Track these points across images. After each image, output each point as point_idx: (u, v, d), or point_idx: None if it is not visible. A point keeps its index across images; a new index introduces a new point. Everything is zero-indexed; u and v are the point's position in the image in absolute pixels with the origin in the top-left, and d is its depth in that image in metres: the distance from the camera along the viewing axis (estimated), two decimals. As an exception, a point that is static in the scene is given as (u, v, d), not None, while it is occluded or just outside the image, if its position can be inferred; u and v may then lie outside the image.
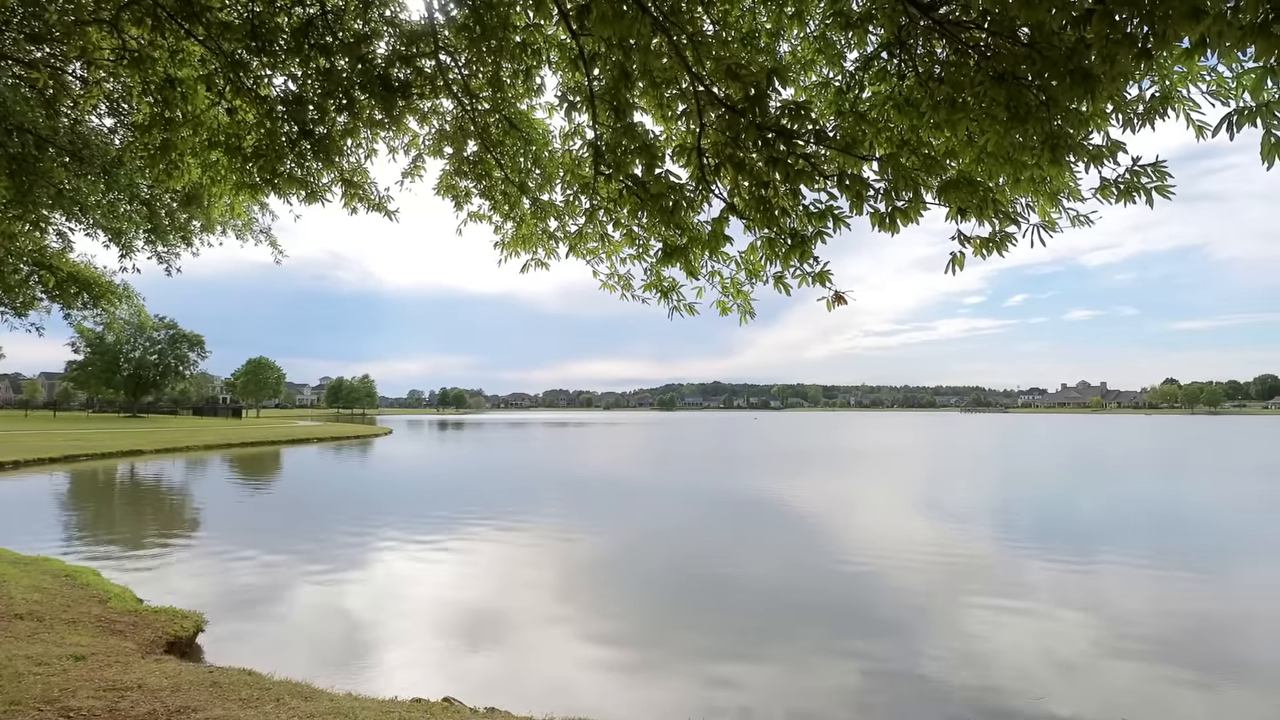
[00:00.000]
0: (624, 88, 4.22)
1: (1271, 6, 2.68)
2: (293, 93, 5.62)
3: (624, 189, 4.59)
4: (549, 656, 8.45)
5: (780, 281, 4.39)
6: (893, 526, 17.84)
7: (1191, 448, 51.52)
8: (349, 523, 17.65)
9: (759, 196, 4.06)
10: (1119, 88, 3.78)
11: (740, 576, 12.32)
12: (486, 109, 6.06)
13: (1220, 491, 25.32)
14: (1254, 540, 16.04)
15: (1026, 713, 6.89)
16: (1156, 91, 4.21)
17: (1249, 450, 48.49)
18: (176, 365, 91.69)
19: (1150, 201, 3.97)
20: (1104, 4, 3.30)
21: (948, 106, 3.88)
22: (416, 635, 9.17)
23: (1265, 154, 3.01)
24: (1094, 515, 19.50)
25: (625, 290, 6.18)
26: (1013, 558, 13.97)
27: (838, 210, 4.00)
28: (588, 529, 17.22)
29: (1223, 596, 11.22)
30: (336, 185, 6.26)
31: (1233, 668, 8.12)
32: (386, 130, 6.13)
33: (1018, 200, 4.75)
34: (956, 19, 4.13)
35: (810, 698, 7.26)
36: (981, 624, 9.62)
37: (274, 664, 7.43)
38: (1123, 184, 3.94)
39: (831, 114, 4.74)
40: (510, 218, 6.42)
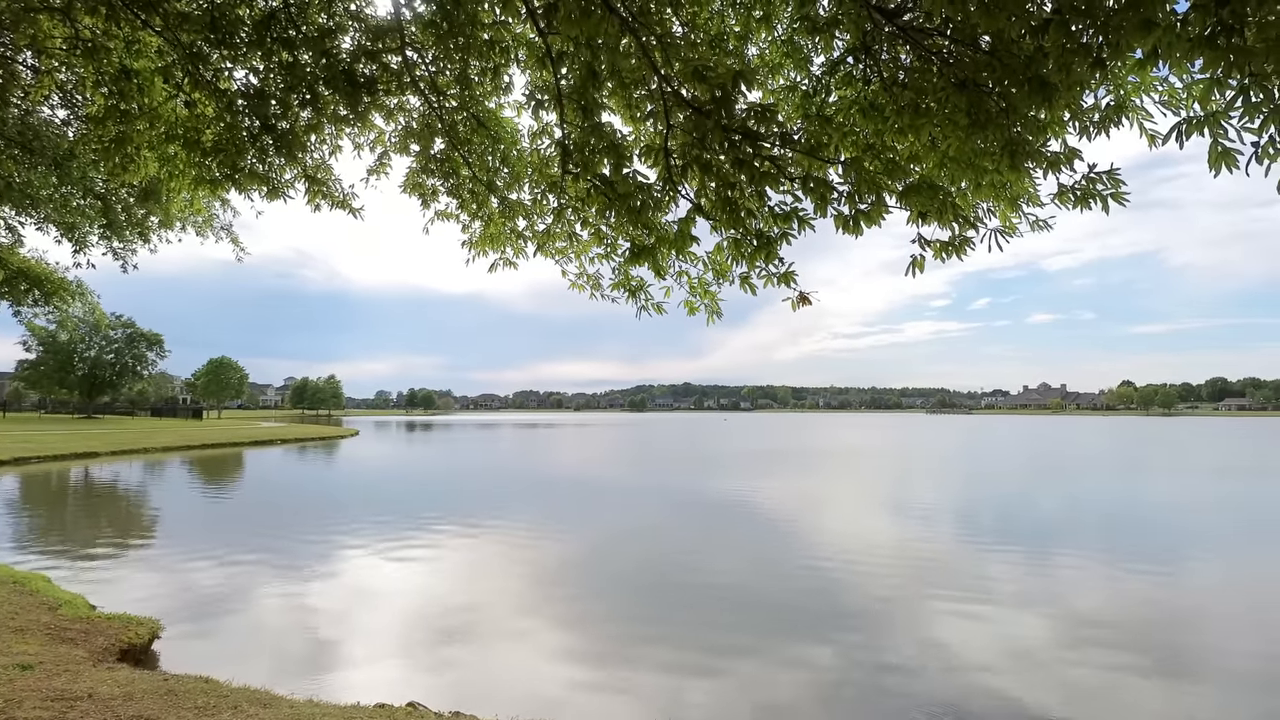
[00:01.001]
0: (592, 87, 4.21)
1: (1217, 21, 2.77)
2: (254, 87, 5.50)
3: (592, 188, 4.58)
4: (517, 660, 8.38)
5: (746, 282, 4.42)
6: (859, 526, 18.06)
7: (1146, 449, 53.08)
8: (313, 526, 17.34)
9: (725, 197, 4.08)
10: (1075, 96, 3.88)
11: (709, 577, 12.36)
12: (454, 106, 6.00)
13: (1172, 491, 26.11)
14: (1203, 537, 16.56)
15: (989, 709, 7.02)
16: (1111, 100, 4.33)
17: (1200, 451, 50.11)
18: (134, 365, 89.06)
19: (1106, 208, 4.08)
20: (1061, 14, 3.38)
21: (911, 112, 3.94)
22: (382, 640, 9.03)
23: (1212, 162, 3.11)
24: (1053, 514, 19.98)
25: (594, 290, 6.17)
26: (975, 556, 14.24)
27: (802, 212, 4.05)
28: (557, 531, 17.14)
29: (1175, 591, 11.56)
30: (300, 182, 6.14)
31: (1185, 659, 8.36)
32: (351, 126, 6.04)
33: (979, 205, 4.85)
34: (920, 26, 4.20)
35: (778, 698, 7.31)
36: (945, 622, 9.78)
37: (233, 671, 7.26)
38: (1079, 190, 4.04)
39: (798, 117, 4.79)
40: (478, 216, 6.36)
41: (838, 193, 3.93)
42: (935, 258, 4.05)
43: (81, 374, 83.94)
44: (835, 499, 23.79)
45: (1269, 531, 17.35)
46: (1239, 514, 20.19)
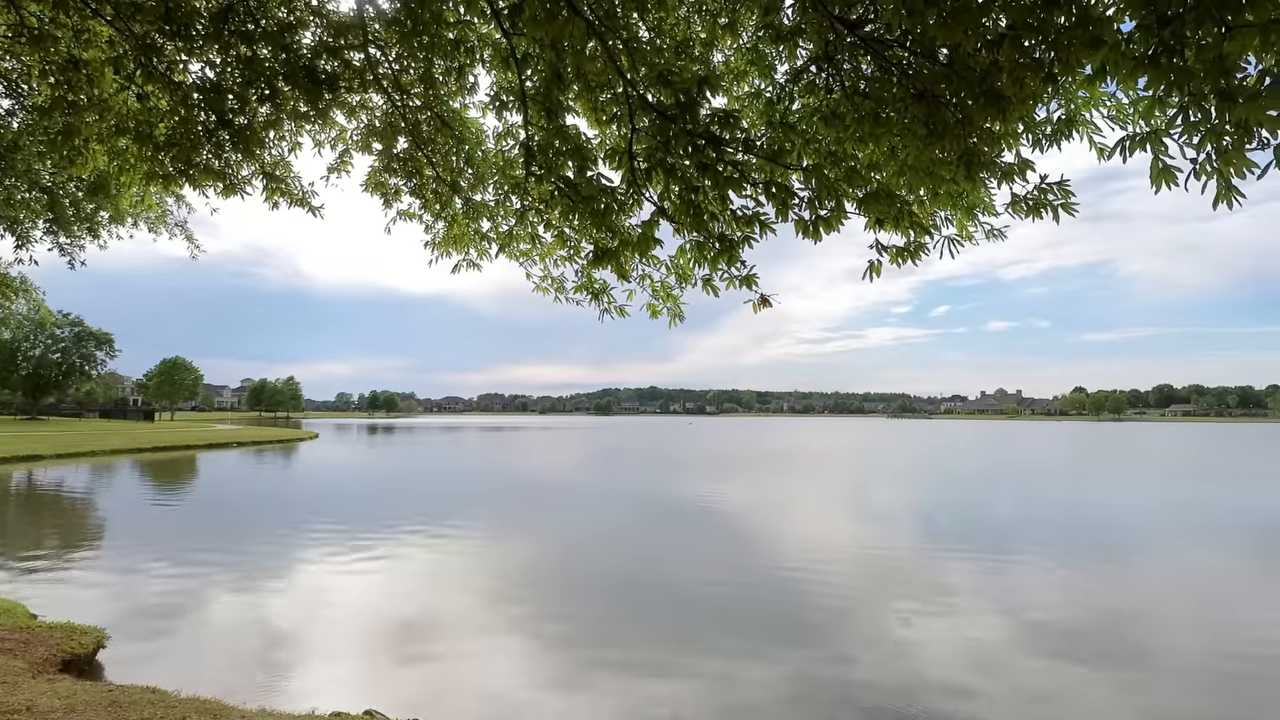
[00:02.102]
0: (557, 89, 4.21)
1: (1160, 41, 2.88)
2: (210, 80, 5.37)
3: (555, 190, 4.57)
4: (478, 665, 8.29)
5: (709, 284, 4.45)
6: (821, 530, 18.28)
7: (1097, 453, 54.75)
8: (270, 532, 16.94)
9: (689, 201, 4.11)
10: (1028, 109, 3.99)
11: (672, 582, 12.39)
12: (418, 105, 5.93)
13: (1122, 494, 26.96)
14: (1153, 538, 17.13)
15: (949, 709, 7.15)
16: (1062, 114, 4.48)
17: (1148, 455, 51.88)
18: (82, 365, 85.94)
19: (1056, 217, 4.21)
20: (1014, 30, 3.48)
21: (871, 121, 4.02)
22: (340, 648, 8.85)
23: (1154, 178, 3.23)
24: (1011, 517, 20.49)
25: (559, 293, 6.16)
26: (934, 559, 14.53)
27: (764, 217, 4.09)
28: (518, 536, 17.02)
29: (1127, 591, 11.93)
30: (257, 178, 6.01)
31: (1137, 659, 8.63)
32: (312, 123, 5.94)
33: (938, 213, 4.97)
34: (881, 37, 4.28)
35: (741, 702, 7.34)
36: (906, 624, 9.95)
37: (183, 681, 7.05)
38: (1032, 200, 4.16)
39: (762, 124, 4.85)
40: (441, 217, 6.30)
41: (799, 198, 3.99)
42: (892, 263, 4.14)
43: (25, 374, 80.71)
44: (797, 503, 24.05)
45: (1214, 533, 18.02)
46: (1185, 515, 20.94)
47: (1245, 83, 2.85)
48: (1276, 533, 18.03)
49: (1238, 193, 3.16)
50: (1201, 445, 64.69)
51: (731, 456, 47.11)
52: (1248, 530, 18.43)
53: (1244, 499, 24.96)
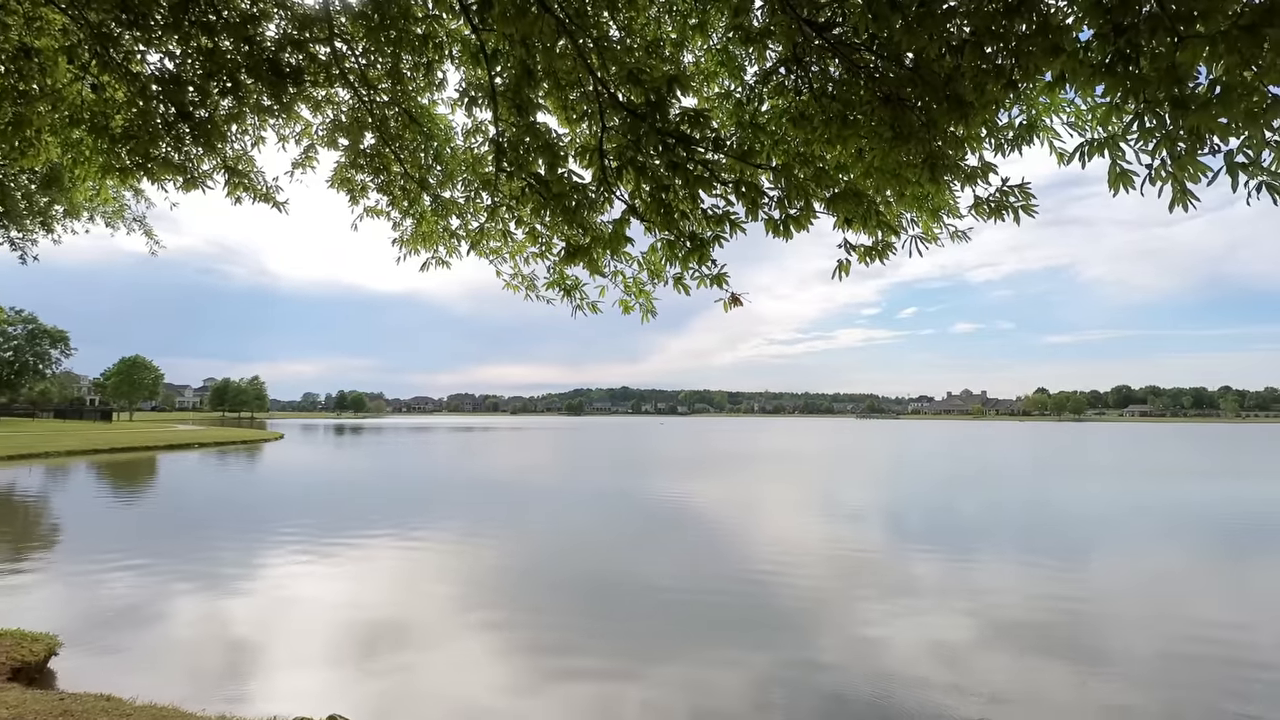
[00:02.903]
0: (527, 86, 4.18)
1: (1116, 49, 2.95)
2: (169, 72, 5.23)
3: (526, 187, 4.55)
4: (447, 668, 8.21)
5: (679, 283, 4.46)
6: (791, 529, 18.44)
7: (1059, 452, 56.09)
8: (232, 535, 16.58)
9: (659, 199, 4.11)
10: (991, 114, 4.07)
11: (642, 582, 12.40)
12: (385, 101, 5.85)
13: (1081, 492, 27.64)
14: (1110, 536, 17.60)
15: (914, 705, 7.26)
16: (1024, 120, 4.58)
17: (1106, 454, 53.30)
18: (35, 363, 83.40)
19: (1017, 219, 4.29)
20: (977, 36, 3.55)
21: (839, 122, 4.06)
22: (305, 652, 8.69)
23: (1112, 182, 3.31)
24: (974, 516, 20.89)
25: (530, 290, 6.12)
26: (901, 556, 14.75)
27: (735, 216, 4.12)
28: (488, 537, 16.89)
29: (1085, 587, 12.22)
30: (219, 173, 5.87)
31: (1094, 653, 8.85)
32: (276, 117, 5.82)
33: (904, 214, 5.04)
34: (848, 41, 4.33)
35: (712, 701, 7.37)
36: (873, 621, 10.08)
37: (141, 688, 6.87)
38: (993, 202, 4.24)
39: (732, 124, 4.87)
40: (409, 214, 6.23)
41: (768, 198, 4.02)
42: (860, 262, 4.19)
43: (-26, 373, 78.05)
44: (767, 504, 24.23)
45: (1167, 531, 18.56)
46: (1141, 514, 21.54)
47: (1197, 91, 2.94)
48: (1223, 529, 18.62)
49: (1192, 196, 3.26)
50: (1157, 445, 66.62)
51: (702, 457, 47.31)
52: (1198, 528, 19.02)
53: (1194, 498, 25.75)
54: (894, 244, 4.23)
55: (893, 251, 4.20)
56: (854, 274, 4.45)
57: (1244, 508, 22.47)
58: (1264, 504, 23.44)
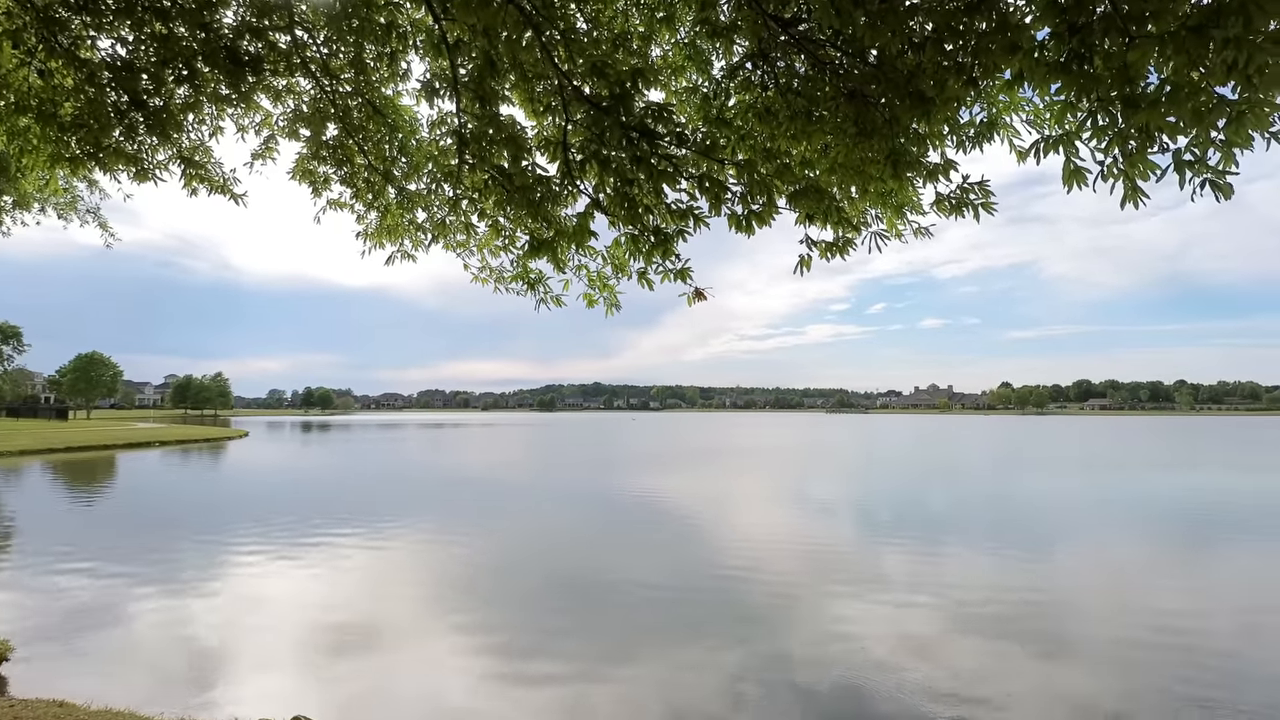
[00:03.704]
0: (490, 77, 4.13)
1: (1070, 48, 3.01)
2: (121, 58, 5.07)
3: (490, 179, 4.50)
4: (417, 669, 8.12)
5: (643, 277, 4.46)
6: (764, 524, 18.59)
7: (1023, 446, 57.36)
8: (196, 535, 16.22)
9: (623, 194, 4.10)
10: (952, 111, 4.12)
11: (614, 578, 12.41)
12: (348, 91, 5.74)
13: (1044, 485, 28.29)
14: (1073, 527, 18.05)
15: (885, 695, 7.38)
16: (985, 117, 4.64)
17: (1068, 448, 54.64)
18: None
19: (977, 216, 4.36)
20: (938, 33, 3.59)
21: (803, 118, 4.09)
22: (270, 654, 8.54)
23: (1066, 179, 3.38)
24: (942, 508, 21.27)
25: (498, 283, 6.07)
26: (871, 549, 14.97)
27: (698, 211, 4.12)
28: (459, 535, 16.76)
29: (1049, 578, 12.52)
30: (174, 163, 5.72)
31: (1056, 642, 9.07)
32: (234, 107, 5.68)
33: (869, 211, 5.09)
34: (813, 36, 4.36)
35: (686, 697, 7.40)
36: (845, 614, 10.22)
37: (96, 693, 6.70)
38: (954, 199, 4.30)
39: (700, 119, 4.87)
40: (374, 207, 6.13)
41: (731, 193, 4.02)
42: (821, 257, 4.23)
43: (-79, 370, 75.21)
44: (739, 498, 24.40)
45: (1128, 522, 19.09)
46: (1102, 506, 22.12)
47: (1148, 90, 3.01)
48: (1180, 520, 19.20)
49: (1142, 194, 3.34)
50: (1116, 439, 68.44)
51: (673, 453, 47.46)
52: (1156, 519, 19.59)
53: (1153, 490, 26.52)
54: (854, 240, 4.26)
55: (853, 247, 4.25)
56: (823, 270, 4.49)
57: (1201, 499, 23.20)
58: (1219, 495, 24.22)
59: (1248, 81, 2.55)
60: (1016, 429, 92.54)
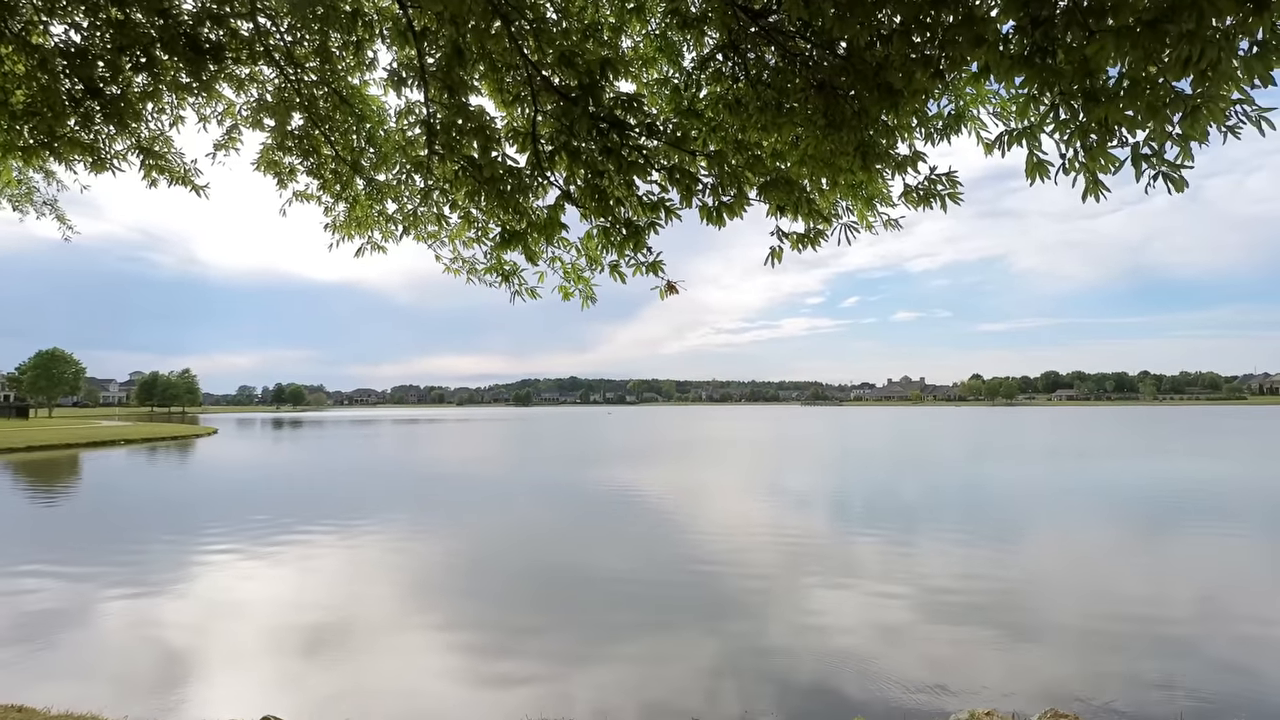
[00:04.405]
0: (458, 66, 4.07)
1: (1033, 42, 3.05)
2: (76, 45, 4.92)
3: (460, 170, 4.45)
4: (391, 668, 8.05)
5: (616, 270, 4.45)
6: (740, 515, 18.71)
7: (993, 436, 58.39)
8: (163, 535, 15.90)
9: (594, 185, 4.08)
10: (920, 103, 4.16)
11: (590, 572, 12.42)
12: (314, 80, 5.64)
13: (1012, 474, 28.84)
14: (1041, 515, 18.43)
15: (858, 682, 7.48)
16: (953, 110, 4.69)
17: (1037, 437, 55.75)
18: (-59, 358, 78.02)
19: (945, 207, 4.41)
20: (905, 25, 3.62)
21: (774, 110, 4.10)
22: (240, 654, 8.41)
23: (1029, 172, 3.42)
24: (915, 497, 21.59)
25: (471, 274, 6.01)
26: (846, 539, 15.15)
27: (669, 202, 4.11)
28: (433, 532, 16.65)
29: (1018, 564, 12.77)
30: (133, 153, 5.57)
31: (1025, 626, 9.26)
32: (195, 96, 5.54)
33: (840, 202, 5.13)
34: (783, 28, 4.37)
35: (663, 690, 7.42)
36: (819, 603, 10.33)
37: (57, 697, 6.55)
38: (922, 191, 4.35)
39: (671, 110, 4.86)
40: (342, 198, 6.04)
41: (702, 184, 4.02)
42: (792, 249, 4.25)
43: None
44: (715, 490, 24.53)
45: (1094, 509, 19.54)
46: (1069, 494, 22.61)
47: (1107, 85, 3.06)
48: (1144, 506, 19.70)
49: (1103, 187, 3.40)
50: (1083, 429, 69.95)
51: (649, 447, 47.55)
52: (1121, 505, 20.07)
53: (1118, 478, 27.17)
54: (825, 231, 4.29)
55: (824, 239, 4.28)
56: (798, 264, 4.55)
57: (1164, 487, 23.80)
58: (1180, 482, 24.87)
59: (1202, 76, 2.61)
60: (986, 420, 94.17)
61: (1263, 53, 2.72)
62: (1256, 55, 2.72)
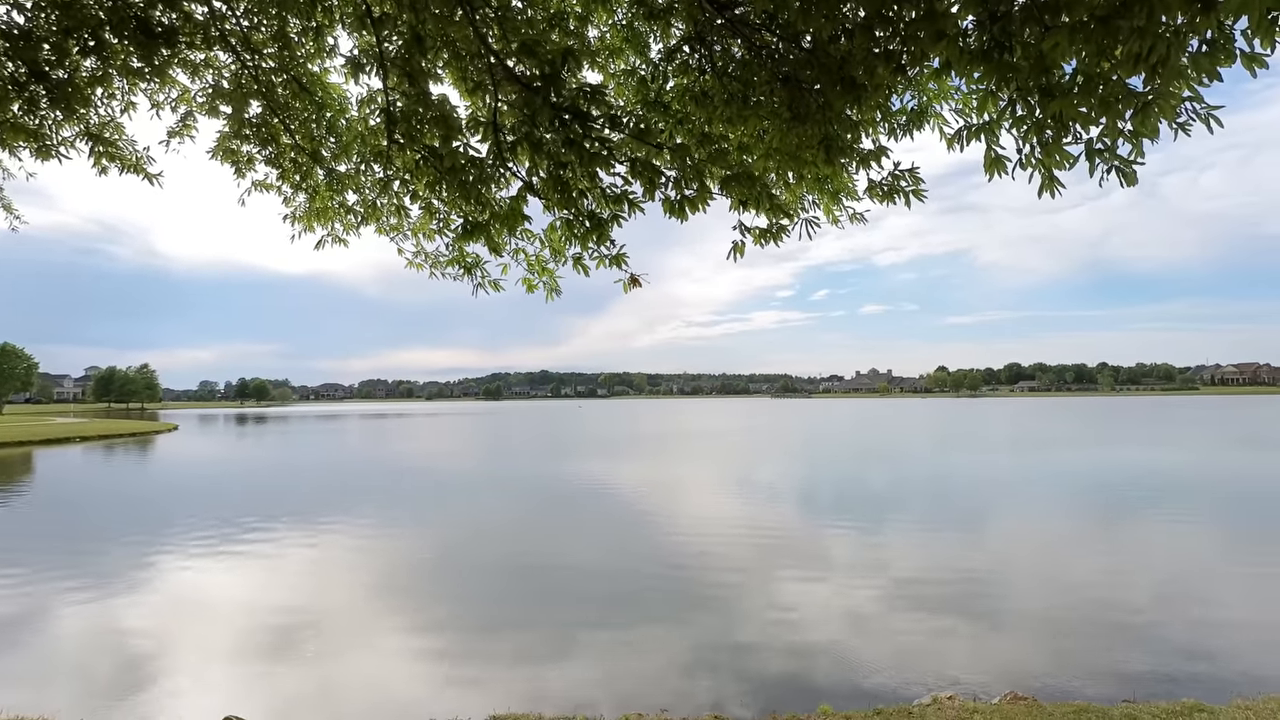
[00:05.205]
0: (418, 54, 4.00)
1: (991, 37, 3.09)
2: (19, 26, 4.73)
3: (421, 160, 4.37)
4: (359, 669, 7.94)
5: (579, 263, 4.42)
6: (711, 508, 18.81)
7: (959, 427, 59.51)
8: (124, 534, 15.49)
9: (557, 177, 4.04)
10: (883, 98, 4.19)
11: (560, 567, 12.40)
12: (272, 67, 5.49)
13: (974, 464, 29.43)
14: (1006, 503, 18.84)
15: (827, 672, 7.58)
16: (915, 105, 4.74)
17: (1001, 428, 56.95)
18: (-118, 353, 74.94)
19: (908, 202, 4.46)
20: (868, 20, 3.64)
21: (739, 102, 4.10)
22: (204, 656, 8.22)
23: (987, 167, 3.47)
24: (883, 488, 21.92)
25: (434, 268, 5.92)
26: (814, 529, 15.33)
27: (633, 195, 4.09)
28: (401, 528, 16.47)
29: (984, 552, 13.04)
30: (82, 140, 5.38)
31: (989, 612, 9.46)
32: (147, 81, 5.37)
33: (806, 197, 5.15)
34: (749, 20, 4.37)
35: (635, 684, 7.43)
36: (789, 595, 10.44)
37: (11, 703, 6.35)
38: (886, 186, 4.39)
39: (638, 102, 4.83)
40: (302, 189, 5.90)
41: (665, 177, 4.01)
42: (755, 243, 4.26)
43: None
44: (686, 483, 24.63)
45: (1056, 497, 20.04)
46: (1032, 483, 23.15)
47: (1063, 80, 3.11)
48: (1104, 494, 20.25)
49: (1058, 183, 3.46)
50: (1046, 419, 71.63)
51: (616, 440, 47.57)
52: (1082, 493, 20.61)
53: (1078, 467, 27.89)
54: (787, 227, 4.31)
55: (786, 234, 4.29)
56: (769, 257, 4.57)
57: (1123, 476, 24.48)
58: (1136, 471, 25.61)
59: (1153, 72, 2.66)
60: (951, 411, 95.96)
61: (1211, 51, 2.78)
62: (1205, 53, 2.79)
